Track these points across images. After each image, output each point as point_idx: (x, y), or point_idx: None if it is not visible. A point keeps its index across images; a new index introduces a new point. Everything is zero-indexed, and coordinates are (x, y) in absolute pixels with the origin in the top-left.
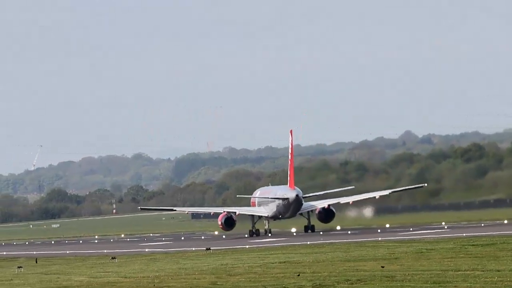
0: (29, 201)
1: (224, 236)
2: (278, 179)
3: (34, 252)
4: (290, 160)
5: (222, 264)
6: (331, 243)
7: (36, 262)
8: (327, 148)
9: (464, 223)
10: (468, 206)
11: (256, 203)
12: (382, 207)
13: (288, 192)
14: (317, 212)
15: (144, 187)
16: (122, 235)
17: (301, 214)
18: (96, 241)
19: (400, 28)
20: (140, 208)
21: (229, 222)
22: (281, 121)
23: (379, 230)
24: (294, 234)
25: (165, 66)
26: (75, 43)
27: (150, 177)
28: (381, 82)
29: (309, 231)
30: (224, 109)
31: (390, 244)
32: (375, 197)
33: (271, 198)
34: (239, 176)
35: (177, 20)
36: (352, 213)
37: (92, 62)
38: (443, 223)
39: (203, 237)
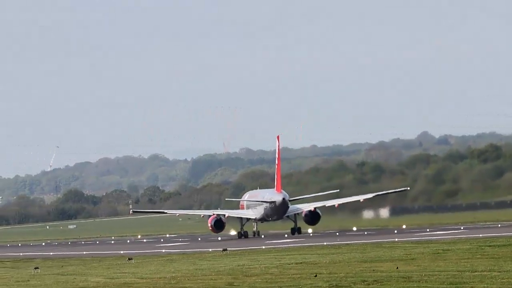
0: (45, 202)
1: (219, 238)
2: (294, 180)
3: (51, 253)
4: (277, 164)
5: (238, 265)
6: (348, 244)
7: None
8: (344, 149)
9: (481, 223)
10: (485, 206)
11: (245, 206)
12: (399, 207)
13: (275, 195)
14: (303, 214)
15: (160, 188)
16: (139, 236)
17: (288, 216)
18: (112, 242)
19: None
20: (132, 211)
21: (219, 224)
22: (298, 122)
23: (395, 231)
24: (311, 234)
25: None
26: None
27: (167, 178)
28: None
29: (296, 233)
30: (241, 109)
31: (407, 245)
32: (359, 200)
33: (258, 201)
34: (256, 176)
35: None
36: (368, 214)
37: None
38: (460, 224)
39: (219, 238)
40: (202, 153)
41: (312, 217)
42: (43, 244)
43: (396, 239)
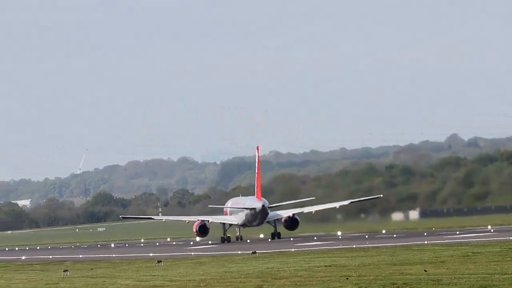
0: (75, 205)
1: (269, 240)
2: (323, 183)
3: (80, 256)
4: (257, 174)
5: (267, 268)
6: (377, 246)
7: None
8: (373, 151)
9: (511, 226)
10: None
11: (228, 212)
12: (428, 210)
13: (255, 202)
14: (283, 220)
15: (190, 190)
16: (168, 239)
17: (268, 222)
18: (142, 244)
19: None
20: (121, 217)
21: (203, 229)
22: (324, 124)
23: (425, 234)
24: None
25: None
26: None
27: (196, 180)
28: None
29: (276, 237)
30: (269, 112)
31: (436, 247)
32: (336, 207)
33: (240, 207)
34: (284, 180)
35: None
36: (397, 216)
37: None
38: (490, 227)
39: (248, 241)
40: (231, 156)
41: (291, 223)
42: (73, 246)
43: (426, 242)
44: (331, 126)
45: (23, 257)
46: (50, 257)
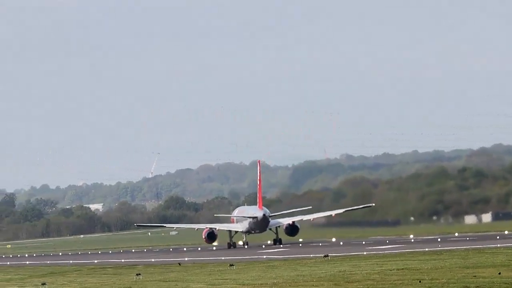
0: (147, 209)
1: (341, 243)
2: (395, 186)
3: (153, 260)
4: (258, 185)
5: (340, 271)
6: (449, 250)
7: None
8: (445, 155)
9: None
10: None
11: (235, 220)
12: (501, 213)
13: (257, 212)
14: (284, 228)
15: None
16: (240, 242)
17: (270, 229)
18: (214, 248)
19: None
20: (136, 225)
21: (211, 236)
22: (400, 127)
23: (498, 237)
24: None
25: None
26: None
27: (268, 184)
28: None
29: (278, 243)
30: (339, 115)
31: (510, 250)
32: (332, 215)
33: (244, 216)
34: (356, 183)
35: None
36: (470, 219)
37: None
38: None
39: (320, 244)
40: (303, 159)
41: (292, 230)
42: (145, 250)
43: (499, 245)
44: (403, 129)
45: (96, 261)
46: (123, 260)
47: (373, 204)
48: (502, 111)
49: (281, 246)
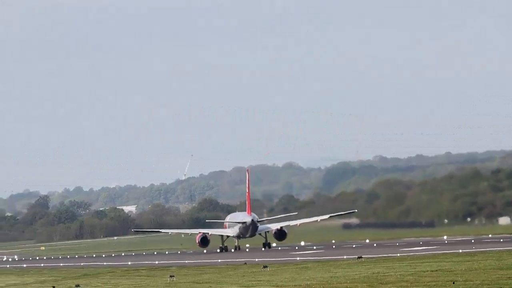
0: (180, 211)
1: (375, 245)
2: (428, 188)
3: (186, 261)
4: (247, 192)
5: (373, 273)
6: (483, 251)
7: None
8: (479, 156)
9: None
10: None
11: (227, 225)
12: None
13: (246, 217)
14: (273, 232)
15: (295, 196)
16: (274, 244)
17: (260, 234)
18: (247, 250)
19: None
20: (133, 230)
21: (205, 241)
22: (431, 128)
23: None
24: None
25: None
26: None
27: (301, 186)
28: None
29: (266, 247)
30: (371, 116)
31: None
32: (317, 220)
33: (234, 222)
34: (389, 185)
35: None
36: (504, 220)
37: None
38: None
39: (354, 246)
40: (336, 161)
41: (280, 234)
42: (179, 252)
43: None
44: (437, 130)
45: (129, 263)
46: (156, 262)
47: (356, 210)
48: (502, 111)
49: (269, 249)
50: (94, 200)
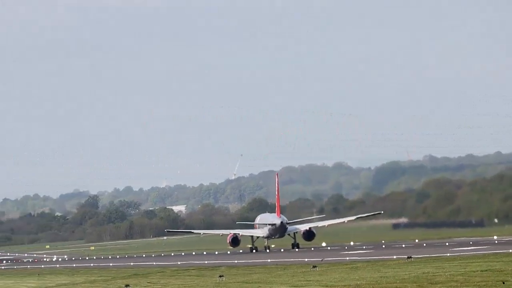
0: (230, 211)
1: (424, 245)
2: (478, 187)
3: (236, 261)
4: (277, 195)
5: (423, 273)
6: None
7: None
8: None
9: None
10: None
11: (257, 226)
12: None
13: (275, 219)
14: (301, 233)
15: (344, 196)
16: (323, 244)
17: (289, 234)
18: (297, 250)
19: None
20: (166, 231)
21: (235, 241)
22: (480, 128)
23: None
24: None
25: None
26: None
27: (351, 186)
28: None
29: (295, 247)
30: (418, 117)
31: None
32: (344, 221)
33: (264, 223)
34: (439, 184)
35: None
36: None
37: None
38: None
39: (403, 245)
40: (385, 160)
41: (309, 235)
42: (228, 252)
43: None
44: (486, 130)
45: (179, 263)
46: (206, 262)
47: (382, 212)
48: (502, 111)
49: (297, 250)
50: (143, 200)
